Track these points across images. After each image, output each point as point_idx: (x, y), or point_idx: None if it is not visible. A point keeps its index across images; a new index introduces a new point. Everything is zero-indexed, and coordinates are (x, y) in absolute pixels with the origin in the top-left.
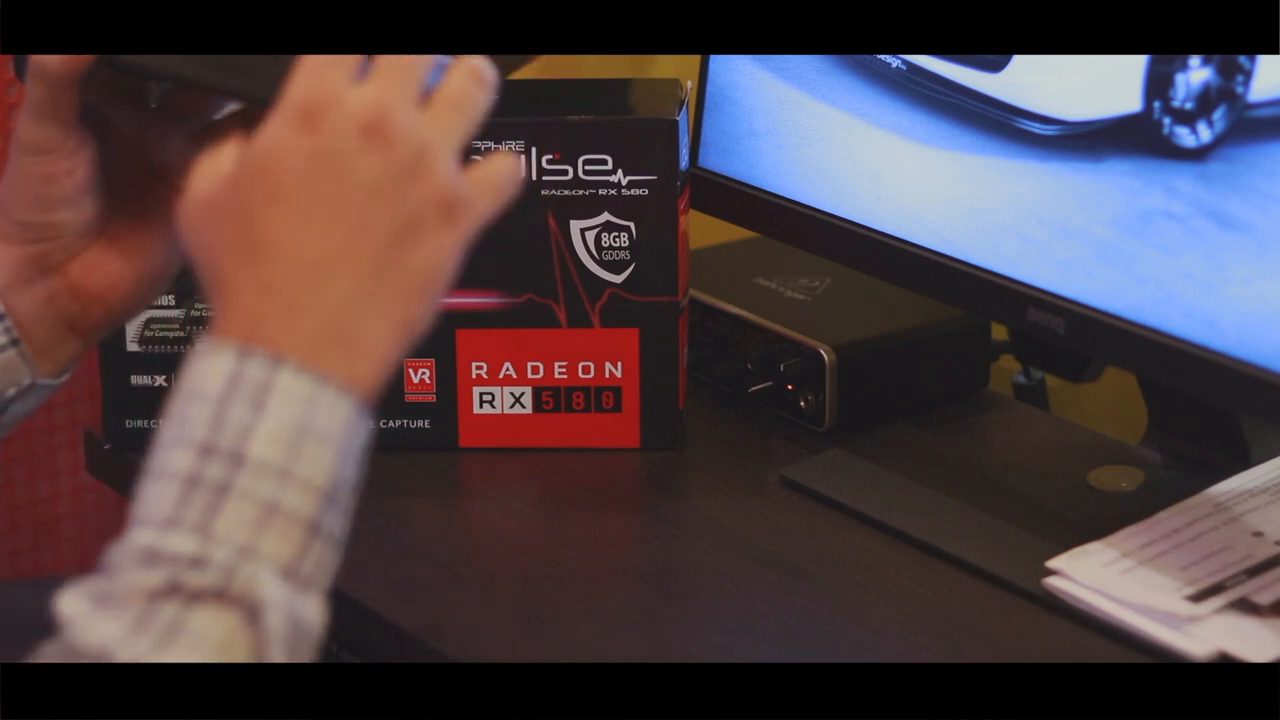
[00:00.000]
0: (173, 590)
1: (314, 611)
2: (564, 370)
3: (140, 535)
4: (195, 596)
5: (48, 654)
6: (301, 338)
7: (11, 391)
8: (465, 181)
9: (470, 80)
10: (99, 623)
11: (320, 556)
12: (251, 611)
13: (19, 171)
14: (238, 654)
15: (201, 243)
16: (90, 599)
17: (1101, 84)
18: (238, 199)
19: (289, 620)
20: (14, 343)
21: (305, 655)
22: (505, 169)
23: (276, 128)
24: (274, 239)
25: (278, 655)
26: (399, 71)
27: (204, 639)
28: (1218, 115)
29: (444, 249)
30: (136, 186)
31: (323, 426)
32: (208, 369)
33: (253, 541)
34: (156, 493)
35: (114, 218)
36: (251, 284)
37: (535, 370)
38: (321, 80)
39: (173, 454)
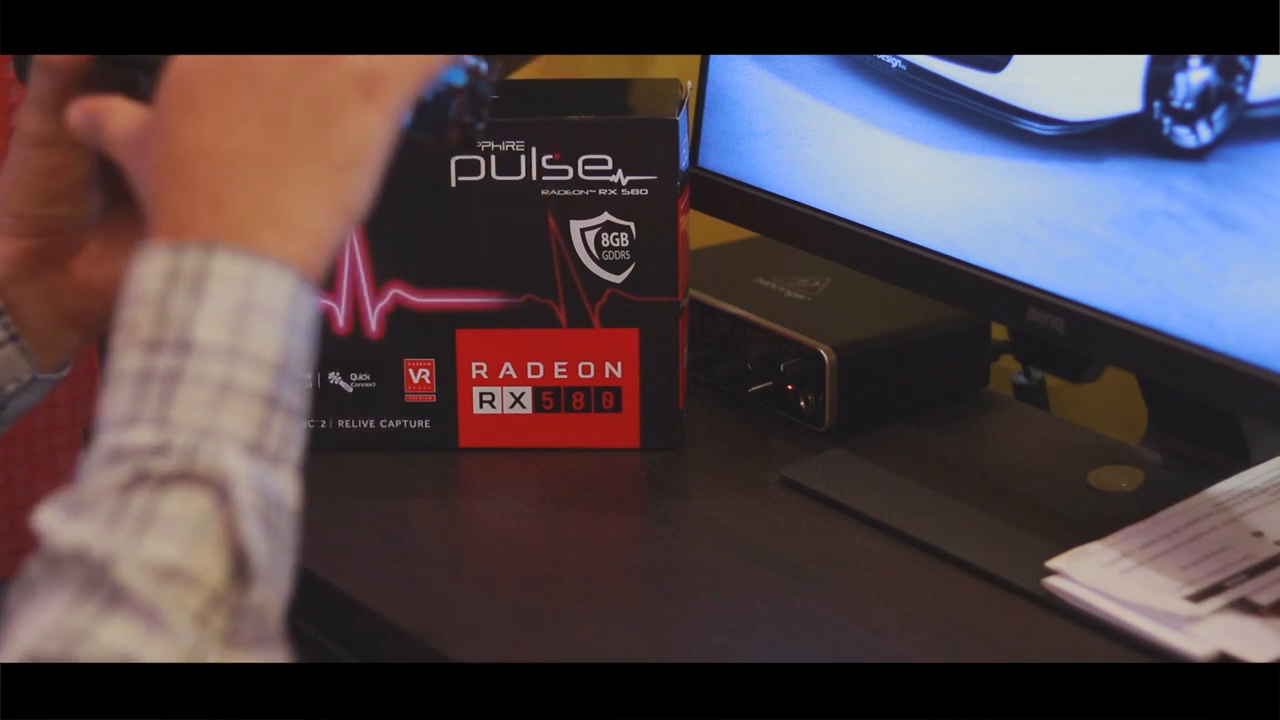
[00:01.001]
0: (140, 479)
1: (285, 485)
2: (564, 370)
3: (103, 439)
4: (163, 481)
5: (32, 568)
6: (230, 223)
7: (11, 387)
8: (384, 58)
9: None
10: (73, 525)
11: (284, 430)
12: (220, 489)
13: (21, 164)
14: (212, 532)
15: (138, 175)
16: (63, 509)
17: (1101, 84)
18: (158, 122)
19: (259, 494)
20: (13, 338)
21: (282, 530)
22: None
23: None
24: (191, 144)
25: (252, 529)
26: None
27: (178, 522)
28: (1218, 115)
29: (366, 123)
30: None
31: (265, 301)
32: (146, 272)
33: (211, 422)
34: (113, 397)
35: (115, 210)
36: (175, 189)
37: (535, 370)
38: None
39: (123, 357)
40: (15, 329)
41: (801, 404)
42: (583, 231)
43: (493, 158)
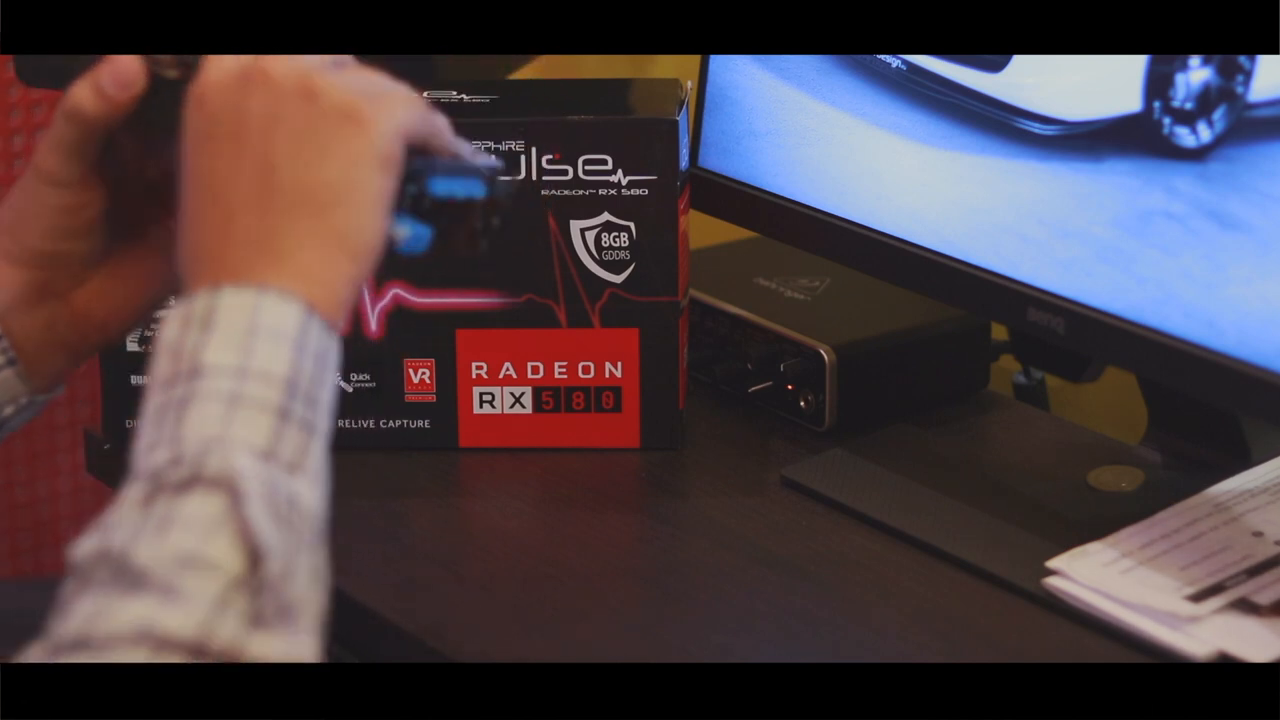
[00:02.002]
0: (158, 490)
1: (304, 490)
2: (564, 370)
3: (132, 472)
4: (179, 488)
5: (64, 589)
6: (233, 267)
7: (9, 410)
8: (367, 90)
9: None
10: (99, 536)
11: (298, 442)
12: (231, 489)
13: (36, 199)
14: (228, 526)
15: None
16: (92, 532)
17: (1101, 84)
18: (182, 158)
19: (271, 491)
20: (11, 363)
21: (299, 527)
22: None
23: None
24: (192, 204)
25: (260, 518)
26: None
27: (193, 522)
28: (1218, 115)
29: (353, 155)
30: (139, 213)
31: (271, 324)
32: (165, 326)
33: (220, 431)
34: (139, 436)
35: (118, 247)
36: (185, 254)
37: (535, 370)
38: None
39: (148, 402)
40: (13, 354)
41: (801, 404)
42: (583, 231)
43: (493, 158)
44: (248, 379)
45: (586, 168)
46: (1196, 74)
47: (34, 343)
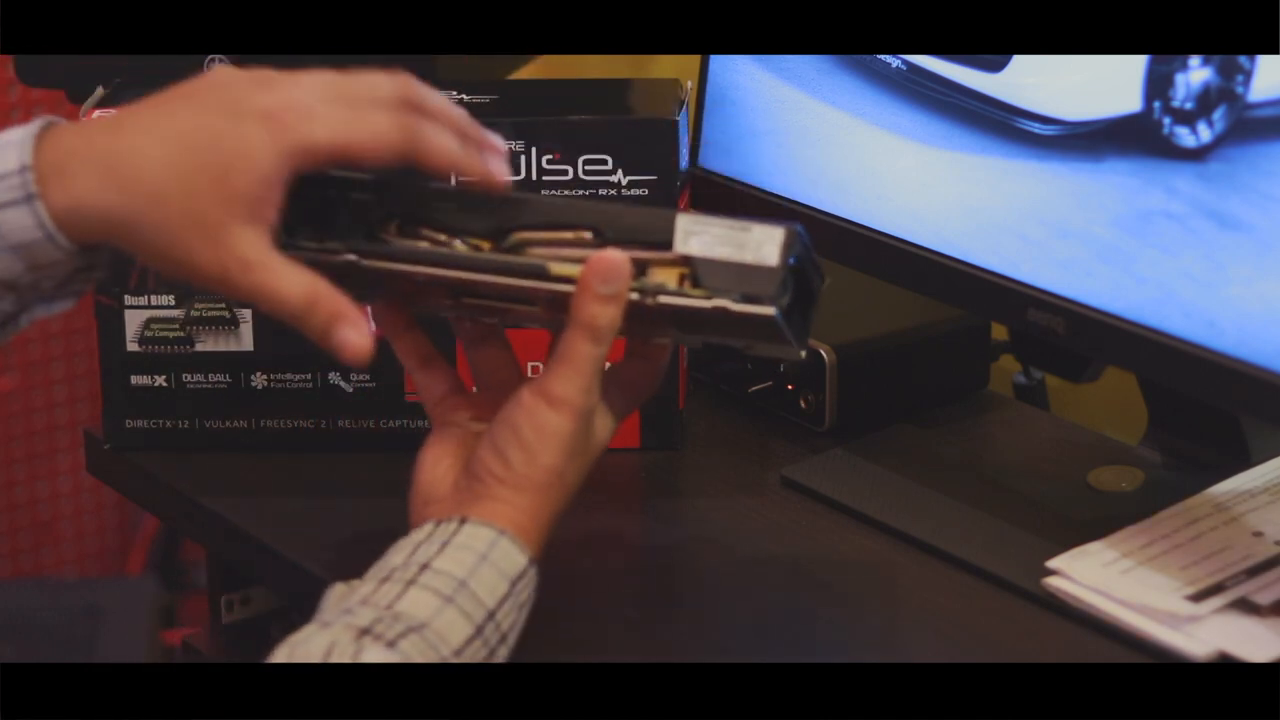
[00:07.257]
0: (366, 635)
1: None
2: None
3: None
4: (389, 643)
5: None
6: (485, 508)
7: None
8: None
9: None
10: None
11: (479, 658)
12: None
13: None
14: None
15: None
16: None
17: (1101, 84)
18: None
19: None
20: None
21: None
22: None
23: None
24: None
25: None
26: None
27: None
28: (1218, 115)
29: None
30: None
31: (498, 561)
32: (414, 531)
33: (429, 620)
34: (352, 589)
35: None
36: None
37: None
38: None
39: (375, 572)
40: None
41: (801, 404)
42: None
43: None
44: (463, 592)
45: (586, 168)
46: (1196, 74)
47: None
